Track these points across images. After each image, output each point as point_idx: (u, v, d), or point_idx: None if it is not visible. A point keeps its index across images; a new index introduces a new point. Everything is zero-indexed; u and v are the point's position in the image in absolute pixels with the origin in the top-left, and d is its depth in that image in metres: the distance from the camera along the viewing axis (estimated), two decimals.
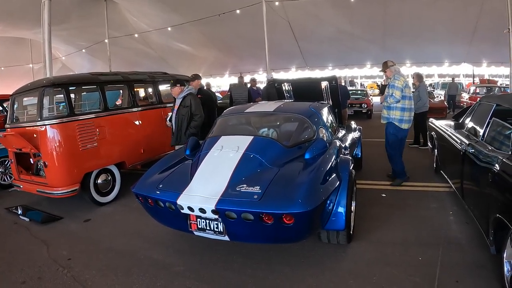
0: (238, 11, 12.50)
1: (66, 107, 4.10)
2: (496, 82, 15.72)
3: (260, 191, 2.27)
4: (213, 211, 2.28)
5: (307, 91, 4.77)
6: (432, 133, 4.87)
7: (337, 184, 2.54)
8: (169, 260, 2.76)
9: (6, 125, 4.54)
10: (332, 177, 2.55)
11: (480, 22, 12.50)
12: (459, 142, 3.27)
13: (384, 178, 4.52)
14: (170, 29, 14.48)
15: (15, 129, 4.23)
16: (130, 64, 17.11)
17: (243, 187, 2.34)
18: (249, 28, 13.42)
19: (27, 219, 3.94)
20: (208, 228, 2.40)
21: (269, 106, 3.52)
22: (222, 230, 2.37)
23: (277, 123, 3.44)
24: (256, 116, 3.56)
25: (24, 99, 4.85)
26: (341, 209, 2.53)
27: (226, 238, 2.40)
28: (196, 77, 5.24)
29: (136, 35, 15.33)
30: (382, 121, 4.31)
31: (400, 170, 4.29)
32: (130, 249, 3.00)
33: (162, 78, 5.72)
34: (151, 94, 5.65)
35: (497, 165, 2.26)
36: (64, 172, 3.97)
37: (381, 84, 18.11)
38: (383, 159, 4.68)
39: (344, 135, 3.86)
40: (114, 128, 4.52)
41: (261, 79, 16.39)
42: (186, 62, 17.74)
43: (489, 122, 2.87)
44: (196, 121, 4.24)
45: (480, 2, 11.56)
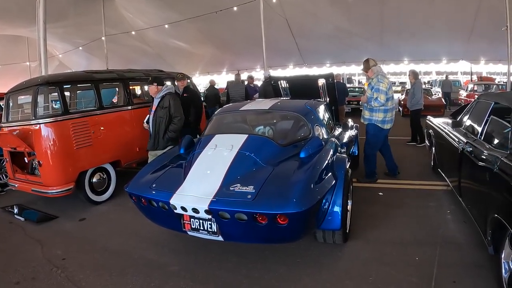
0: (235, 8, 12.39)
1: (60, 106, 4.05)
2: (494, 80, 15.69)
3: (254, 191, 2.23)
4: (206, 211, 2.24)
5: (304, 89, 4.72)
6: (430, 131, 4.83)
7: (333, 183, 2.50)
8: (164, 260, 2.74)
9: (1, 124, 4.47)
10: (328, 176, 2.51)
11: (478, 20, 12.46)
12: (457, 141, 3.23)
13: (382, 176, 4.49)
14: (167, 26, 14.37)
15: (10, 128, 4.17)
16: (127, 62, 16.99)
17: (237, 187, 2.30)
18: (247, 25, 13.32)
19: (22, 219, 3.89)
20: (202, 228, 2.37)
21: (265, 104, 3.47)
22: (216, 230, 2.33)
23: (272, 121, 3.39)
24: (251, 114, 3.50)
25: (20, 98, 4.79)
26: (337, 209, 2.49)
27: (220, 238, 2.37)
28: (183, 76, 5.02)
29: (133, 33, 15.20)
30: (363, 122, 4.26)
31: (372, 171, 4.26)
32: (125, 249, 2.97)
33: (157, 76, 5.64)
34: (147, 92, 5.58)
35: (496, 165, 2.22)
36: (59, 171, 3.93)
37: None
38: (380, 157, 4.64)
39: (341, 133, 3.82)
40: (109, 127, 4.46)
41: (259, 76, 16.31)
42: (183, 60, 17.63)
43: (487, 121, 2.83)
44: (176, 124, 3.87)
45: (478, 0, 11.53)
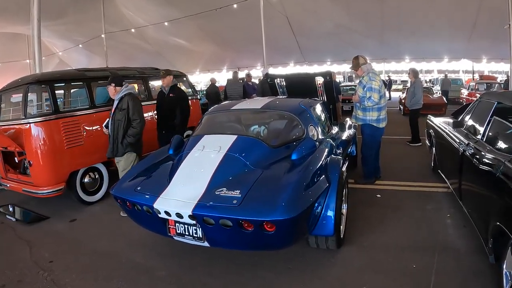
0: (235, 6, 12.22)
1: (51, 105, 3.94)
2: (496, 78, 15.44)
3: (240, 196, 2.11)
4: (190, 217, 2.13)
5: (301, 87, 4.58)
6: (430, 131, 4.68)
7: (326, 187, 2.37)
8: (151, 264, 2.65)
9: None
10: (320, 179, 2.38)
11: (480, 18, 12.27)
12: (458, 142, 3.08)
13: (383, 178, 4.32)
14: (167, 24, 14.23)
15: (1, 128, 4.08)
16: (127, 59, 16.89)
17: (223, 191, 2.18)
18: (247, 23, 13.18)
19: (14, 219, 3.80)
20: (187, 234, 2.25)
21: (257, 103, 3.32)
22: (201, 236, 2.21)
23: (264, 121, 3.25)
24: (243, 114, 3.36)
25: (13, 96, 4.69)
26: (330, 213, 2.36)
27: (206, 244, 2.25)
28: (167, 73, 4.55)
29: (133, 30, 15.07)
30: (357, 122, 4.10)
31: (370, 172, 4.11)
32: (113, 251, 2.89)
33: (153, 74, 5.52)
34: (141, 90, 5.46)
35: (498, 169, 2.08)
36: (49, 171, 3.83)
37: (389, 79, 17.83)
38: (381, 158, 4.50)
39: (337, 133, 3.68)
40: (102, 126, 4.30)
41: (259, 74, 16.16)
42: (183, 57, 17.50)
43: (490, 121, 2.68)
44: (135, 128, 3.46)
45: None
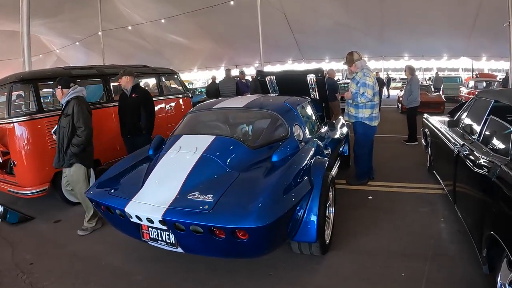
0: (232, 3, 12.03)
1: (35, 104, 3.82)
2: (495, 77, 15.21)
3: (212, 201, 1.98)
4: (161, 222, 2.01)
5: (292, 85, 4.41)
6: (426, 130, 4.52)
7: (308, 190, 2.22)
8: (129, 268, 2.55)
9: None
10: (302, 182, 2.23)
11: (480, 15, 12.07)
12: (453, 142, 2.92)
13: (377, 179, 4.15)
14: (164, 21, 14.04)
15: None
16: (125, 57, 16.71)
17: (195, 195, 2.05)
18: (245, 20, 12.99)
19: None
20: (160, 239, 2.13)
21: (240, 102, 3.16)
22: (174, 242, 2.09)
23: (246, 121, 3.08)
24: (224, 113, 3.20)
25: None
26: (313, 219, 2.20)
27: (180, 250, 2.13)
28: (124, 73, 3.98)
29: (130, 27, 14.88)
30: (349, 120, 3.94)
31: (363, 172, 3.95)
32: (93, 254, 2.81)
33: (142, 72, 5.37)
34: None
35: (494, 173, 1.92)
36: (33, 171, 3.73)
37: (388, 77, 17.62)
38: (374, 158, 4.34)
39: (327, 132, 3.51)
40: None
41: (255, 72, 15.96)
42: (181, 55, 17.33)
43: (486, 121, 2.51)
44: (80, 137, 3.02)
45: None
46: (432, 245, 2.60)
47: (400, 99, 10.78)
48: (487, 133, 2.46)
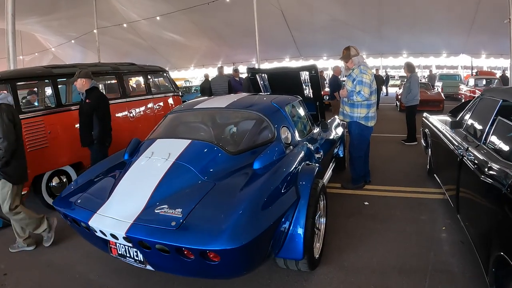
0: (228, 0, 11.70)
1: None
2: (495, 74, 14.89)
3: (181, 216, 1.71)
4: (125, 239, 1.76)
5: (285, 82, 4.12)
6: (426, 130, 4.24)
7: (294, 201, 1.95)
8: (104, 281, 2.32)
9: None
10: (287, 193, 1.96)
11: (479, 12, 11.77)
12: (456, 145, 2.65)
13: (374, 182, 3.88)
14: (160, 18, 13.73)
15: None
16: (122, 55, 16.42)
17: (163, 209, 1.79)
18: (241, 17, 12.66)
19: None
20: (128, 256, 1.89)
21: (222, 101, 2.86)
22: (142, 260, 1.84)
23: (228, 122, 2.79)
24: (205, 114, 2.91)
25: None
26: (299, 232, 1.93)
27: (150, 268, 1.88)
28: (81, 74, 3.49)
29: (125, 25, 14.55)
30: (343, 119, 3.66)
31: (359, 176, 3.66)
32: (68, 264, 2.59)
33: (128, 70, 5.09)
34: (115, 87, 5.05)
35: (505, 183, 1.65)
36: None
37: (386, 74, 17.33)
38: (372, 160, 4.07)
39: (319, 134, 3.23)
40: (69, 126, 3.99)
41: None
42: (178, 52, 17.01)
43: (493, 122, 2.24)
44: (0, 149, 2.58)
45: None
46: (432, 259, 2.33)
47: (399, 97, 10.51)
48: (495, 136, 2.18)
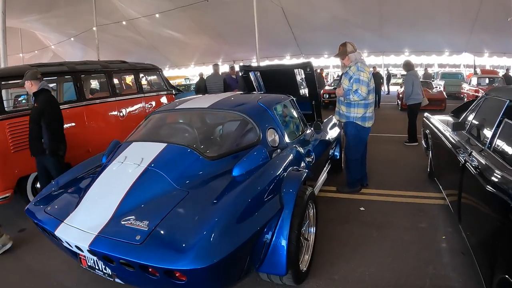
0: None
1: None
2: (498, 73, 14.55)
3: (147, 229, 1.54)
4: (90, 251, 1.62)
5: (279, 81, 3.92)
6: (427, 131, 4.02)
7: (277, 211, 1.76)
8: None
9: None
10: (269, 202, 1.77)
11: (482, 10, 11.46)
12: (458, 149, 2.43)
13: (371, 186, 3.66)
14: (159, 16, 13.49)
15: None
16: (122, 53, 16.22)
17: (130, 221, 1.62)
18: (241, 15, 12.40)
19: None
20: (97, 268, 1.74)
21: (205, 101, 2.65)
22: (111, 273, 1.69)
23: (210, 124, 2.59)
24: (186, 115, 2.71)
25: None
26: (282, 245, 1.74)
27: (120, 281, 1.73)
28: (27, 76, 3.10)
29: (124, 23, 14.35)
30: (339, 119, 3.44)
31: (355, 179, 3.45)
32: (46, 271, 2.46)
33: (118, 68, 4.91)
34: (104, 86, 4.88)
35: (511, 196, 1.45)
36: None
37: (388, 73, 16.98)
38: (370, 161, 3.86)
39: (312, 135, 3.02)
40: None
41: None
42: (177, 50, 16.79)
43: (499, 124, 2.03)
44: None
45: None
46: (431, 273, 2.13)
47: (400, 96, 10.28)
48: (501, 140, 1.97)
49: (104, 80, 4.81)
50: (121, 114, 4.70)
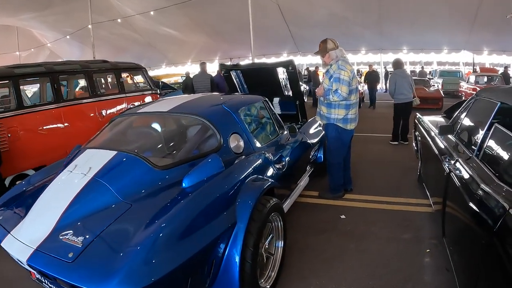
0: None
1: None
2: (497, 71, 14.19)
3: (80, 247, 1.41)
4: (29, 266, 1.52)
5: (261, 80, 3.69)
6: (417, 133, 3.78)
7: (229, 226, 1.57)
8: None
9: None
10: (219, 218, 1.57)
11: (482, 7, 11.13)
12: (443, 156, 2.19)
13: (356, 191, 3.41)
14: (155, 13, 13.24)
15: None
16: (119, 50, 16.04)
17: (67, 236, 1.49)
18: (237, 12, 12.13)
19: None
20: (44, 282, 1.62)
21: (167, 105, 2.41)
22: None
23: (167, 130, 2.36)
24: (145, 120, 2.49)
25: None
26: (235, 263, 1.54)
27: None
28: None
29: (119, 20, 14.08)
30: (321, 120, 3.19)
31: (337, 184, 3.19)
32: (16, 276, 2.26)
33: (98, 68, 4.69)
34: (84, 86, 4.69)
35: (498, 218, 1.21)
36: None
37: (386, 71, 16.54)
38: (357, 163, 3.62)
39: (287, 139, 2.77)
40: (32, 128, 3.74)
41: None
42: (175, 47, 16.55)
43: (489, 130, 1.78)
44: None
45: None
46: None
47: None
48: (490, 148, 1.73)
49: (84, 81, 4.63)
50: (102, 115, 4.49)
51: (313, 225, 2.71)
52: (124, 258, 1.28)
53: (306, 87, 12.24)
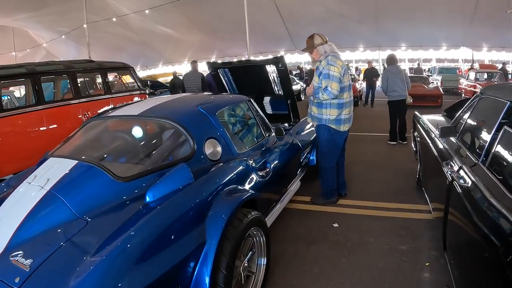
0: None
1: None
2: (497, 68, 13.89)
3: (28, 270, 1.23)
4: None
5: (251, 78, 3.46)
6: (416, 134, 3.54)
7: (198, 245, 1.38)
8: None
9: None
10: (186, 237, 1.37)
11: (481, 3, 10.86)
12: (446, 161, 1.95)
13: (350, 196, 3.18)
14: (150, 12, 12.97)
15: None
16: (115, 50, 15.79)
17: (17, 257, 1.30)
18: (233, 10, 11.83)
19: None
20: None
21: (138, 108, 2.18)
22: None
23: (135, 136, 2.11)
24: (114, 124, 2.26)
25: None
26: (205, 283, 1.35)
27: None
28: None
29: (114, 19, 13.82)
30: (312, 121, 2.94)
31: (330, 190, 2.95)
32: None
33: (83, 68, 4.46)
34: (68, 88, 4.47)
35: (507, 234, 0.98)
36: None
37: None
38: (352, 166, 3.38)
39: (273, 143, 2.53)
40: (9, 132, 3.57)
41: None
42: (171, 46, 16.29)
43: (497, 132, 1.55)
44: None
45: None
46: None
47: None
48: (498, 153, 1.49)
49: (67, 81, 4.40)
50: (86, 117, 4.28)
51: (302, 235, 2.49)
52: (75, 285, 1.09)
53: (303, 85, 11.98)
